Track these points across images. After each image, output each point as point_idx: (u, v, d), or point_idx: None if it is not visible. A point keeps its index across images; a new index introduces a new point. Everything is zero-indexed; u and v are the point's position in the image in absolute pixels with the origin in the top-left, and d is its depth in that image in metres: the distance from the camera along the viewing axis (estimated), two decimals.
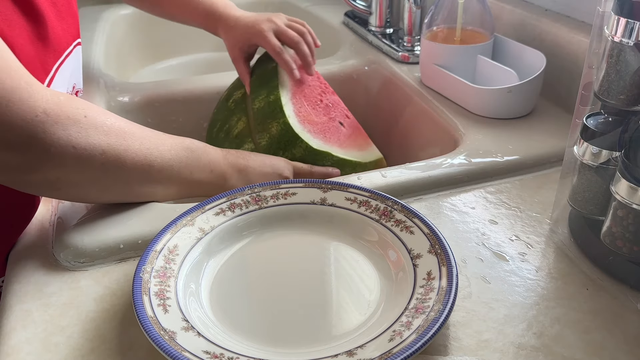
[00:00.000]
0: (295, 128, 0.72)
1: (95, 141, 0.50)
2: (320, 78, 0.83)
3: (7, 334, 0.45)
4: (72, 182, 0.51)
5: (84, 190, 0.52)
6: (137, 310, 0.42)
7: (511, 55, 0.81)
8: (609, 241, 0.48)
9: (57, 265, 0.52)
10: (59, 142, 0.47)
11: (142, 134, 0.55)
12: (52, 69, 0.60)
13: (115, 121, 0.52)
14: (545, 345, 0.43)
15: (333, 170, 0.72)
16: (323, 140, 0.74)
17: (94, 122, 0.50)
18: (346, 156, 0.74)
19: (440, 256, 0.48)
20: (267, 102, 0.74)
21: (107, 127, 0.51)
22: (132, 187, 0.55)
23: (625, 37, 0.46)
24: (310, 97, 0.78)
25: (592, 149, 0.50)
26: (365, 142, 0.80)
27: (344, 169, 0.73)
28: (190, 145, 0.59)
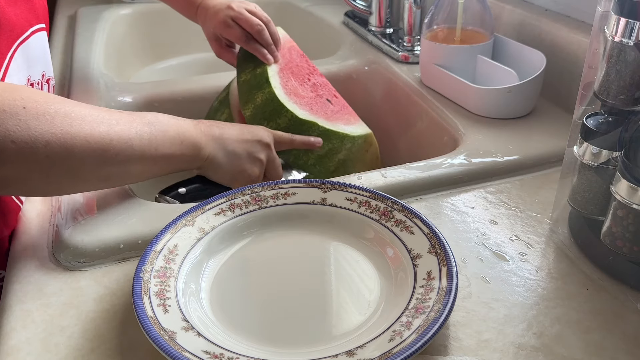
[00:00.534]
0: (281, 98, 0.71)
1: (36, 133, 0.46)
2: (309, 61, 0.83)
3: (7, 334, 0.45)
4: (19, 179, 0.47)
5: (35, 184, 0.49)
6: (137, 310, 0.42)
7: (511, 55, 0.81)
8: (609, 241, 0.48)
9: (57, 265, 0.52)
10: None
11: (93, 117, 0.50)
12: (7, 56, 0.58)
13: (60, 107, 0.49)
14: (545, 345, 0.43)
15: (315, 140, 0.71)
16: (309, 112, 0.73)
17: (35, 113, 0.46)
18: (333, 128, 0.73)
19: (440, 256, 0.48)
20: (253, 74, 0.73)
21: (50, 115, 0.47)
22: (87, 174, 0.51)
23: (625, 37, 0.46)
24: (298, 74, 0.78)
25: (592, 149, 0.50)
26: (354, 118, 0.79)
27: (331, 140, 0.72)
28: (152, 119, 0.56)
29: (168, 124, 0.56)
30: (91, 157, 0.50)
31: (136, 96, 0.86)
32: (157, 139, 0.55)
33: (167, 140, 0.56)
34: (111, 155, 0.51)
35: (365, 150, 0.78)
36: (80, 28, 1.09)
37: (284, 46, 0.79)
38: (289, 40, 0.82)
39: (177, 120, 0.58)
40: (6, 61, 0.58)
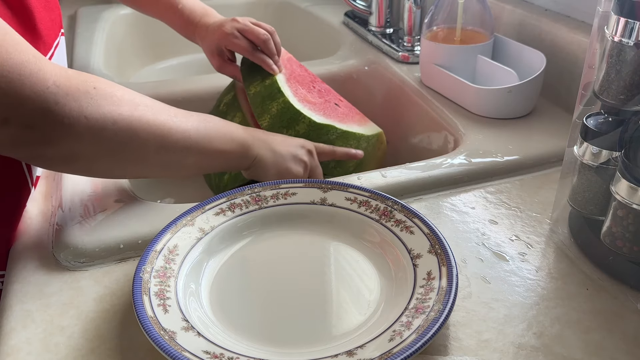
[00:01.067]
0: (296, 105, 0.72)
1: (106, 111, 0.49)
2: (308, 70, 0.84)
3: (7, 334, 0.45)
4: (86, 155, 0.50)
5: (99, 162, 0.52)
6: (137, 310, 0.42)
7: (511, 55, 0.81)
8: (609, 241, 0.48)
9: (57, 265, 0.52)
10: (71, 114, 0.47)
11: (154, 106, 0.54)
12: None
13: (124, 93, 0.52)
14: (545, 345, 0.43)
15: (357, 152, 0.73)
16: (324, 117, 0.74)
17: (104, 93, 0.50)
18: (349, 129, 0.74)
19: (440, 256, 0.48)
20: (263, 86, 0.74)
21: (117, 98, 0.51)
22: (148, 158, 0.54)
23: (625, 37, 0.46)
24: (303, 83, 0.79)
25: (592, 149, 0.50)
26: (363, 119, 0.80)
27: (349, 141, 0.73)
28: (206, 117, 0.59)
29: (219, 124, 0.60)
30: (153, 142, 0.53)
31: None
32: (211, 134, 0.58)
33: (220, 136, 0.59)
34: (171, 142, 0.54)
35: (378, 148, 0.79)
36: (80, 28, 1.09)
37: (282, 57, 0.80)
38: (285, 52, 0.83)
39: (227, 122, 0.61)
40: None
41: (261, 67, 0.76)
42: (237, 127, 0.62)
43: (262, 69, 0.76)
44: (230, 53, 0.80)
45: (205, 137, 0.57)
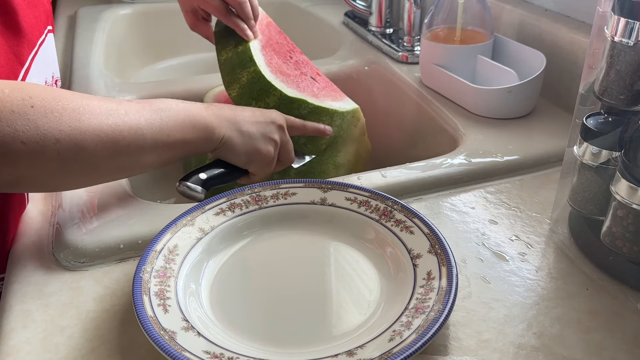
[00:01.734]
0: (268, 76, 0.68)
1: (46, 131, 0.45)
2: (287, 38, 0.80)
3: (7, 334, 0.45)
4: (31, 178, 0.47)
5: (46, 181, 0.49)
6: (137, 310, 0.42)
7: (511, 55, 0.81)
8: (609, 241, 0.48)
9: (57, 265, 0.52)
10: (5, 140, 0.44)
11: (102, 109, 0.50)
12: (27, 60, 0.58)
13: (68, 103, 0.48)
14: (545, 345, 0.43)
15: (326, 127, 0.70)
16: (297, 90, 0.70)
17: (43, 111, 0.46)
18: (322, 104, 0.70)
19: (440, 256, 0.48)
20: (235, 52, 0.70)
21: (58, 112, 0.47)
22: (100, 167, 0.50)
23: (625, 37, 0.46)
24: (280, 52, 0.75)
25: (592, 149, 0.50)
26: (340, 95, 0.76)
27: (321, 117, 0.70)
28: (162, 105, 0.55)
29: (178, 109, 0.56)
30: (103, 150, 0.49)
31: (136, 96, 0.86)
32: (169, 126, 0.54)
33: (179, 125, 0.55)
34: (123, 146, 0.50)
35: (354, 125, 0.76)
36: (80, 28, 1.09)
37: (261, 22, 0.75)
38: (265, 16, 0.78)
39: (187, 104, 0.57)
40: (26, 65, 0.58)
41: (235, 33, 0.71)
42: (199, 108, 0.58)
43: (237, 34, 0.71)
44: (205, 12, 0.77)
45: (162, 130, 0.53)
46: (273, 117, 0.63)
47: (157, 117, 0.53)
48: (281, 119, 0.64)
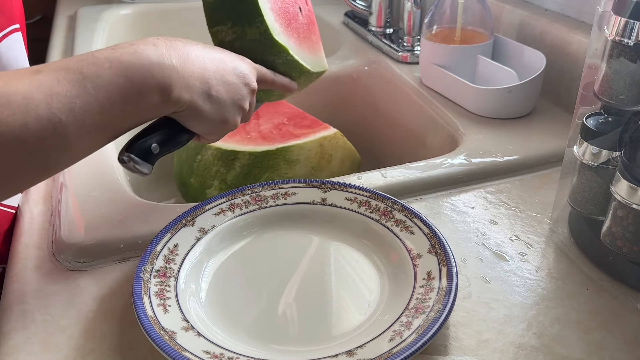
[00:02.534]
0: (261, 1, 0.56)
1: None
2: None
3: (7, 334, 0.45)
4: None
5: None
6: (137, 310, 0.42)
7: (511, 55, 0.81)
8: (609, 241, 0.48)
9: (57, 265, 0.52)
10: None
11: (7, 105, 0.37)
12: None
13: None
14: (545, 345, 0.43)
15: (291, 84, 0.60)
16: (284, 29, 0.59)
17: None
18: (299, 58, 0.60)
19: (440, 256, 0.48)
20: None
21: None
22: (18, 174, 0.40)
23: (625, 37, 0.46)
24: None
25: (592, 149, 0.50)
26: (317, 45, 0.67)
27: (291, 72, 0.61)
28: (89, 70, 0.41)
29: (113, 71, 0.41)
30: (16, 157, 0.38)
31: None
32: (100, 100, 0.40)
33: (115, 95, 0.41)
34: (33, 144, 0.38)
35: (311, 81, 0.67)
36: (80, 28, 1.09)
37: None
38: None
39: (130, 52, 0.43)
40: None
41: None
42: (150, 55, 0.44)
43: None
44: None
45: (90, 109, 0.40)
46: (246, 77, 0.52)
47: (80, 92, 0.40)
48: (253, 76, 0.53)
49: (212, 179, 0.70)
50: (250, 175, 0.69)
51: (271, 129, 0.74)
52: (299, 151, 0.69)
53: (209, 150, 0.70)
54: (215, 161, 0.70)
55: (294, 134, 0.72)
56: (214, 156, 0.70)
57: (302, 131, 0.73)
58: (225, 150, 0.69)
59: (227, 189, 0.69)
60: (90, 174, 0.62)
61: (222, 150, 0.69)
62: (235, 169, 0.69)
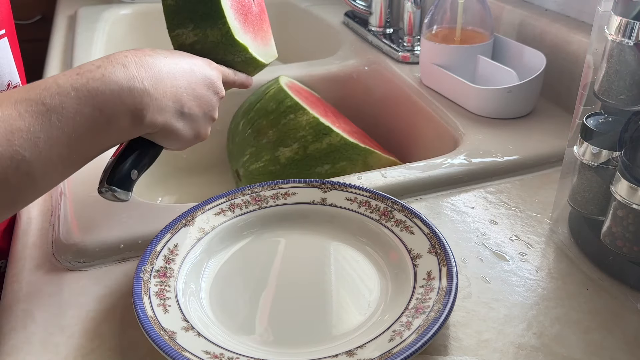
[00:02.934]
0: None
1: None
2: None
3: (7, 334, 0.45)
4: None
5: None
6: (137, 310, 0.42)
7: (511, 55, 0.81)
8: (609, 241, 0.48)
9: (57, 265, 0.52)
10: None
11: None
12: None
13: None
14: (545, 345, 0.43)
15: (248, 79, 0.60)
16: (242, 24, 0.58)
17: None
18: (257, 54, 0.60)
19: (440, 256, 0.48)
20: None
21: None
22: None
23: (625, 37, 0.46)
24: None
25: (592, 149, 0.50)
26: (268, 32, 0.66)
27: (249, 67, 0.61)
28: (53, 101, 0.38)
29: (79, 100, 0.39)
30: None
31: None
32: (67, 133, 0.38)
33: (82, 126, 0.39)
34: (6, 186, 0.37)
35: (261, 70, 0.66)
36: (80, 28, 1.09)
37: None
38: None
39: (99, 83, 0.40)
40: None
41: None
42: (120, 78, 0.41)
43: None
44: None
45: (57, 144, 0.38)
46: (215, 85, 0.51)
47: (44, 126, 0.37)
48: (220, 81, 0.53)
49: (293, 141, 0.71)
50: (331, 156, 0.71)
51: (351, 132, 0.76)
52: (377, 160, 0.72)
53: (305, 115, 0.72)
54: (307, 127, 0.71)
55: (369, 144, 0.75)
56: (307, 122, 0.71)
57: (374, 146, 0.76)
58: (321, 122, 0.71)
59: (303, 157, 0.70)
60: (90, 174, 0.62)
61: (318, 122, 0.71)
62: (322, 143, 0.71)
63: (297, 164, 0.71)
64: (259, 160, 0.74)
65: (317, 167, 0.70)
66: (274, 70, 0.93)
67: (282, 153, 0.72)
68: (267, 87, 0.80)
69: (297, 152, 0.71)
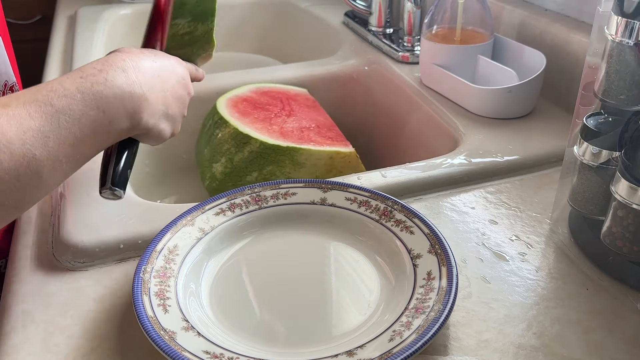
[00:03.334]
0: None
1: None
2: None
3: (7, 334, 0.45)
4: None
5: None
6: (137, 310, 0.42)
7: (511, 55, 0.81)
8: (609, 241, 0.48)
9: (57, 265, 0.52)
10: None
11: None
12: None
13: None
14: (545, 345, 0.43)
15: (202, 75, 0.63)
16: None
17: None
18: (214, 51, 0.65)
19: (440, 256, 0.48)
20: None
21: None
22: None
23: (625, 37, 0.46)
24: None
25: (592, 149, 0.50)
26: None
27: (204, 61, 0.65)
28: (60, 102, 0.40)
29: (86, 105, 0.42)
30: None
31: None
32: (73, 134, 0.41)
33: (88, 127, 0.42)
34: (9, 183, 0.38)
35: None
36: (80, 28, 1.09)
37: None
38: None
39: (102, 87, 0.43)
40: None
41: None
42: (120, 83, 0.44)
43: None
44: None
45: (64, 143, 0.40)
46: (188, 85, 0.55)
47: (53, 127, 0.40)
48: (189, 80, 0.57)
49: (221, 155, 0.73)
50: (255, 163, 0.71)
51: (294, 128, 0.76)
52: (307, 156, 0.71)
53: (227, 128, 0.73)
54: (229, 139, 0.73)
55: (312, 139, 0.74)
56: (229, 134, 0.73)
57: (321, 140, 0.75)
58: (240, 132, 0.72)
59: (232, 169, 0.72)
60: (89, 174, 0.62)
61: (237, 132, 0.72)
62: (244, 152, 0.71)
63: (230, 177, 0.72)
64: (205, 179, 0.77)
65: (247, 176, 0.71)
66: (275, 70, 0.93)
67: (216, 169, 0.74)
68: None
69: (226, 166, 0.73)
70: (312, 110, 0.83)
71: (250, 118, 0.76)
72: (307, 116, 0.80)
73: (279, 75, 0.90)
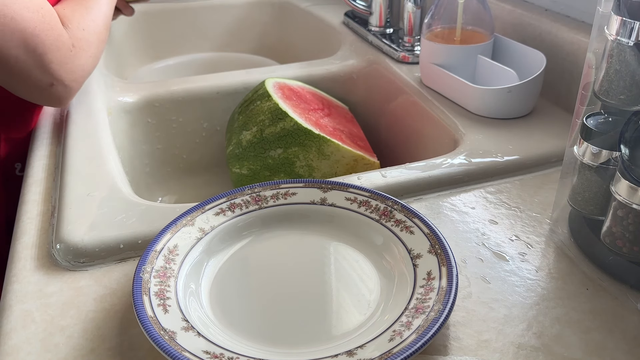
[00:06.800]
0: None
1: None
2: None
3: (7, 334, 0.45)
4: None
5: None
6: (137, 310, 0.42)
7: (511, 55, 0.81)
8: (609, 241, 0.48)
9: (57, 265, 0.52)
10: None
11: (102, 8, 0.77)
12: None
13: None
14: (545, 345, 0.43)
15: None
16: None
17: None
18: None
19: (440, 256, 0.48)
20: None
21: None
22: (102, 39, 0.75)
23: (625, 37, 0.46)
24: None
25: (592, 149, 0.50)
26: None
27: None
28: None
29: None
30: (103, 30, 0.76)
31: (136, 96, 0.86)
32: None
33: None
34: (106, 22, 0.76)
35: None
36: None
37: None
38: None
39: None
40: None
41: None
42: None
43: None
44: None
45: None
46: None
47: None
48: None
49: (253, 124, 0.76)
50: (283, 140, 0.73)
51: (328, 125, 0.79)
52: (334, 149, 0.73)
53: (268, 102, 0.76)
54: (266, 112, 0.75)
55: (342, 139, 0.77)
56: (268, 108, 0.75)
57: (351, 143, 0.77)
58: (279, 107, 0.74)
59: (259, 140, 0.74)
60: (89, 174, 0.62)
61: (277, 107, 0.74)
62: (277, 127, 0.74)
63: (255, 147, 0.75)
64: (230, 144, 0.78)
65: (271, 150, 0.74)
66: (275, 70, 0.93)
67: (244, 136, 0.76)
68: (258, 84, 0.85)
69: (255, 135, 0.75)
70: (349, 121, 0.86)
71: (292, 102, 0.78)
72: (343, 123, 0.83)
73: (280, 75, 0.90)
